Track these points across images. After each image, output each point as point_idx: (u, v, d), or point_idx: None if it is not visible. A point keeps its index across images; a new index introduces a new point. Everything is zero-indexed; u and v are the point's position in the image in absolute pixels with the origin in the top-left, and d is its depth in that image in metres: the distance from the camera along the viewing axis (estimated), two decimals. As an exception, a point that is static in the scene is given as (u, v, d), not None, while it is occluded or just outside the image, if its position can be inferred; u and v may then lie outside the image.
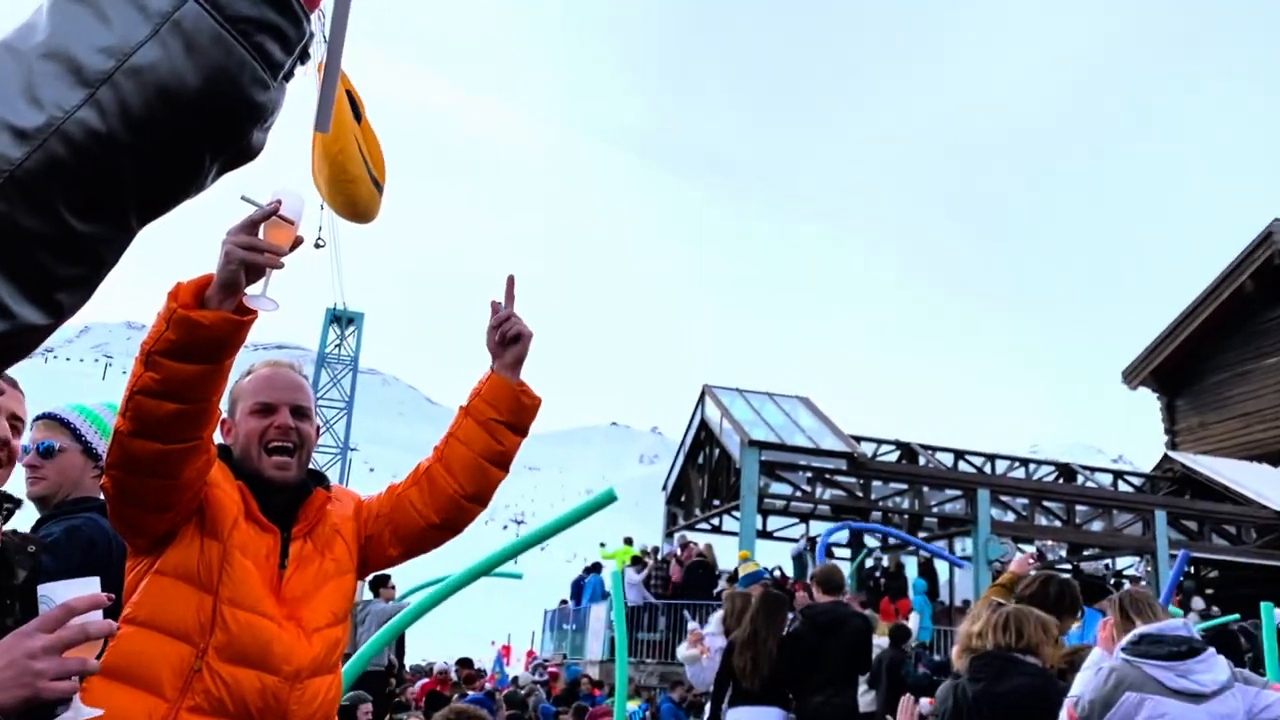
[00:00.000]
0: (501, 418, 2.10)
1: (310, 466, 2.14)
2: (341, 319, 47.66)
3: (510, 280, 2.13)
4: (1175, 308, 25.23)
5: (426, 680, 14.07)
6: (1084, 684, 3.24)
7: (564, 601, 20.06)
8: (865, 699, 8.65)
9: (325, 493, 2.11)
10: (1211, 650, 3.24)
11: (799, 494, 18.95)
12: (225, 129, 0.67)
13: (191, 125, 0.65)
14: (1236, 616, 9.49)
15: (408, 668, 16.38)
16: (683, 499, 21.67)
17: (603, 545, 20.91)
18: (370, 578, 9.18)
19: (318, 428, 2.17)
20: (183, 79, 0.63)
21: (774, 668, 5.77)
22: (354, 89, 3.80)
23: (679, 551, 17.72)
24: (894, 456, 21.15)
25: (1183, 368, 25.13)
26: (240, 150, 0.70)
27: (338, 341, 47.69)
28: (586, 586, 18.35)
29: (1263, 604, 5.98)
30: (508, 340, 2.10)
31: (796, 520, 21.37)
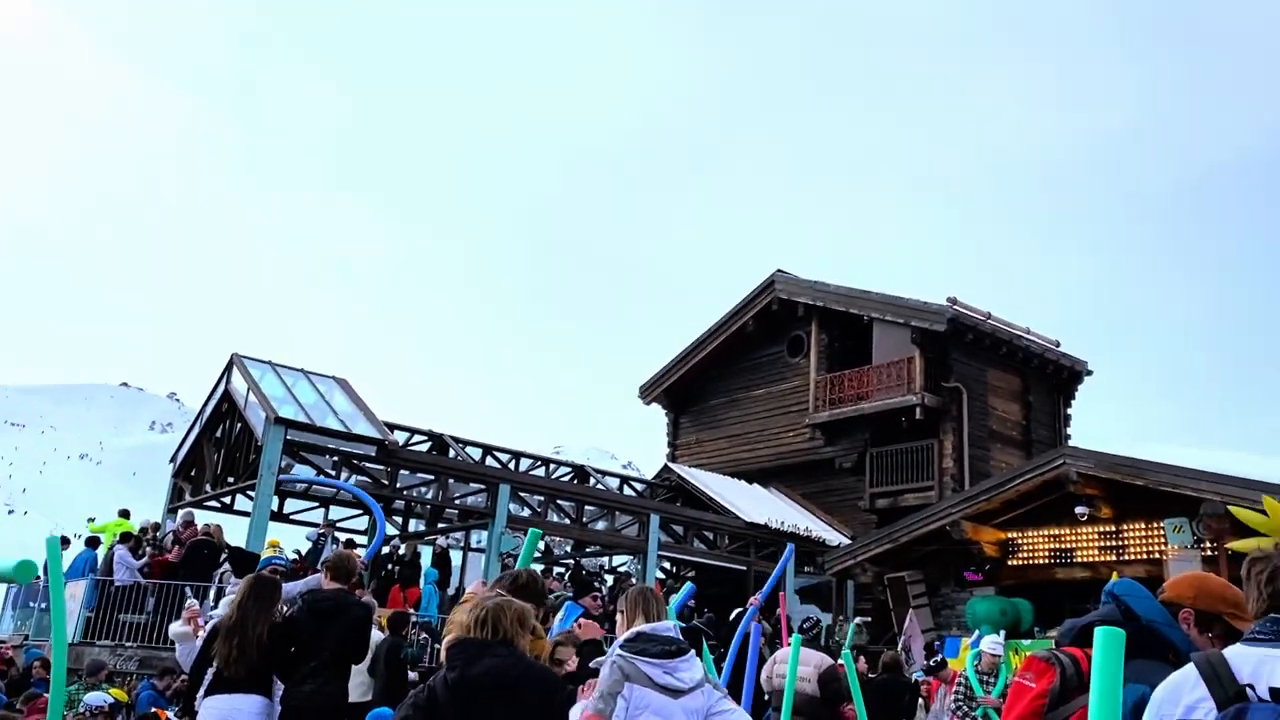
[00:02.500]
0: None
1: None
2: None
3: None
4: (691, 336, 28.38)
5: None
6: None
7: (37, 577, 17.70)
8: (358, 683, 8.63)
9: None
10: (693, 652, 3.83)
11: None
12: None
13: None
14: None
15: None
16: (193, 473, 20.13)
17: (92, 520, 18.82)
18: None
19: None
20: None
21: (262, 654, 5.59)
22: None
23: (181, 529, 16.42)
24: (425, 447, 21.38)
25: (689, 389, 28.24)
26: None
27: None
28: (76, 561, 16.32)
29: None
30: None
31: (317, 504, 20.81)
